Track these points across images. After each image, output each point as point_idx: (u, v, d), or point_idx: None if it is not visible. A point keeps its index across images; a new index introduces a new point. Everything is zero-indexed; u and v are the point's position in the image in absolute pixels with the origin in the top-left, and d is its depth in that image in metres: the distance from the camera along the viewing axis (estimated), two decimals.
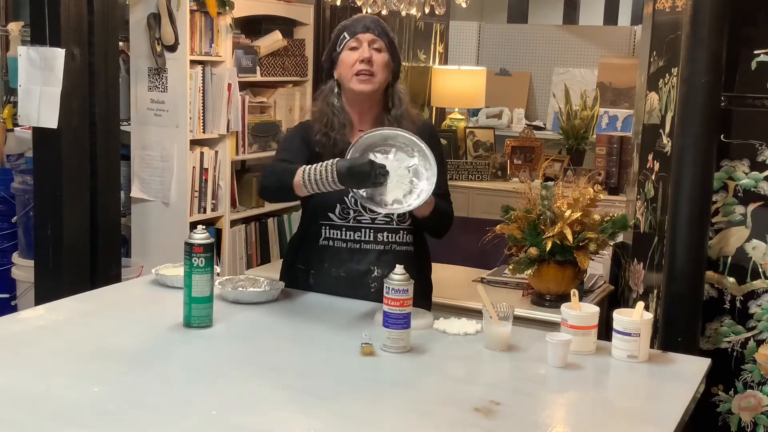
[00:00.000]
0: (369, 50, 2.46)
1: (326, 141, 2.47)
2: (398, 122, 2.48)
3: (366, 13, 2.56)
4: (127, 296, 2.60)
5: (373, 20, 2.53)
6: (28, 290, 4.01)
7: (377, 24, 2.52)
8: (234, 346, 2.12)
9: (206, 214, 4.19)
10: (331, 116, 2.49)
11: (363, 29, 2.48)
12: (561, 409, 1.93)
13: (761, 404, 2.76)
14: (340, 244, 2.50)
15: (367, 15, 2.56)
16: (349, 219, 2.48)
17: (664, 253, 2.75)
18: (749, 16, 2.68)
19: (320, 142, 2.48)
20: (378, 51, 2.47)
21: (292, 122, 4.68)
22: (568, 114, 5.45)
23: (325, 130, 2.48)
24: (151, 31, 3.97)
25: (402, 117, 2.50)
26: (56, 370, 1.93)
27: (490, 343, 2.17)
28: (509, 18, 7.43)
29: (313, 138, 2.50)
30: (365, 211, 2.46)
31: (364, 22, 2.50)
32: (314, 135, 2.49)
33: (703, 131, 2.63)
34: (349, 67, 2.46)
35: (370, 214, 2.47)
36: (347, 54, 2.47)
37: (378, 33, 2.49)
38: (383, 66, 2.48)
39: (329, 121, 2.49)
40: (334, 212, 2.48)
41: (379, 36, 2.49)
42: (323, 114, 2.51)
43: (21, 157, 4.81)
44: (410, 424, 1.76)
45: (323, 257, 2.50)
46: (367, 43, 2.46)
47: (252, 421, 1.72)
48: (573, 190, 2.97)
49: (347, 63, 2.47)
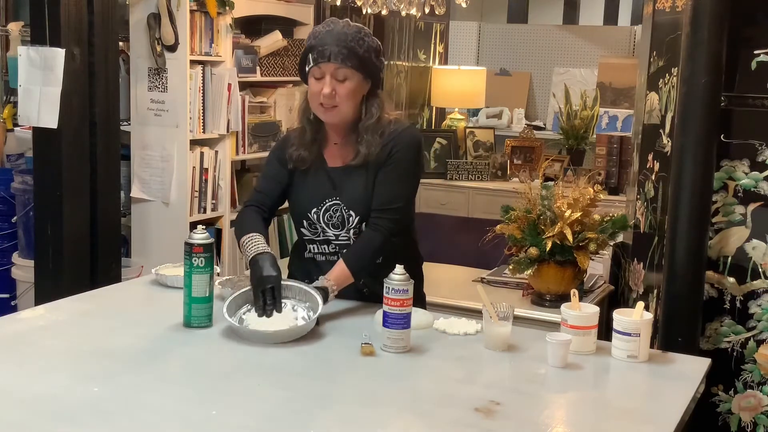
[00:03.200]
0: (331, 83, 2.32)
1: (298, 156, 2.46)
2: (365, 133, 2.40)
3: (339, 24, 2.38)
4: (127, 296, 2.60)
5: (338, 42, 2.32)
6: (28, 290, 4.01)
7: (342, 47, 2.32)
8: (234, 346, 2.12)
9: (206, 214, 4.20)
10: (305, 133, 2.46)
11: (322, 58, 2.32)
12: (561, 409, 1.93)
13: (761, 404, 2.76)
14: (320, 257, 2.48)
15: (334, 30, 2.35)
16: (318, 233, 2.46)
17: (664, 253, 2.75)
18: (749, 16, 2.68)
19: (292, 158, 2.46)
20: (342, 81, 2.33)
21: (292, 122, 4.68)
22: (568, 114, 5.45)
23: (296, 149, 2.46)
24: (151, 31, 3.97)
25: (368, 129, 2.39)
26: (56, 370, 1.93)
27: (490, 343, 2.17)
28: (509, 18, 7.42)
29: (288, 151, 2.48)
30: (328, 227, 2.44)
31: (327, 48, 2.32)
32: (289, 148, 2.48)
33: (703, 131, 2.63)
34: (314, 95, 2.37)
35: (333, 230, 2.44)
36: (312, 81, 2.37)
37: (342, 59, 2.31)
38: (347, 96, 2.34)
39: (304, 136, 2.46)
40: (304, 227, 2.48)
41: (344, 62, 2.31)
42: (299, 129, 2.50)
43: (21, 157, 4.81)
44: (410, 424, 1.76)
45: (309, 269, 2.49)
46: (329, 75, 2.32)
47: (252, 421, 1.72)
48: (573, 190, 2.97)
49: (312, 91, 2.37)
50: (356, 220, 2.42)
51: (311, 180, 2.46)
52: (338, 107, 2.36)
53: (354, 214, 2.41)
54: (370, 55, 2.37)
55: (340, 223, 2.43)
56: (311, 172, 2.46)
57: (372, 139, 2.38)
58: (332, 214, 2.43)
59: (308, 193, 2.45)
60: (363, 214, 2.41)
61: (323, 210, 2.43)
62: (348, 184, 2.42)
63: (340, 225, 2.43)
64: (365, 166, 2.40)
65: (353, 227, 2.42)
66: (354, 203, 2.41)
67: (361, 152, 2.39)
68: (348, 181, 2.42)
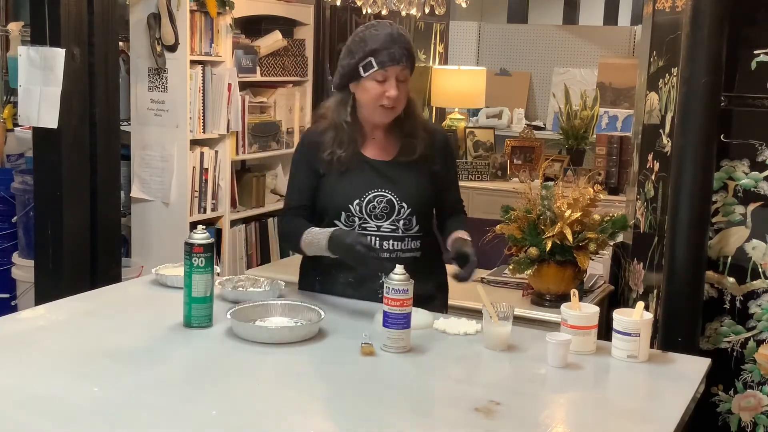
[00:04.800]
0: (396, 85, 2.39)
1: (332, 159, 2.45)
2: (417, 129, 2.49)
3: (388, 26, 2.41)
4: (127, 296, 2.60)
5: (401, 45, 2.39)
6: (28, 290, 4.01)
7: (404, 48, 2.40)
8: (234, 346, 2.12)
9: (206, 214, 4.20)
10: (342, 132, 2.46)
11: (392, 61, 2.37)
12: (561, 409, 1.93)
13: (761, 404, 2.76)
14: None
15: (393, 32, 2.39)
16: (355, 226, 2.46)
17: (664, 253, 2.75)
18: (749, 16, 2.68)
19: (325, 162, 2.46)
20: (403, 82, 2.41)
21: (292, 122, 4.69)
22: (568, 114, 5.45)
23: (332, 149, 2.46)
24: (151, 31, 3.97)
25: (418, 125, 2.51)
26: (56, 370, 1.93)
27: (490, 343, 2.17)
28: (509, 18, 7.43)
29: (319, 155, 2.47)
30: (370, 218, 2.46)
31: (393, 51, 2.37)
32: (321, 152, 2.47)
33: (703, 131, 2.63)
34: (372, 98, 2.40)
35: (375, 221, 2.46)
36: (373, 84, 2.39)
37: (405, 60, 2.39)
38: (405, 96, 2.44)
39: (338, 138, 2.46)
40: (340, 219, 2.47)
41: (407, 63, 2.40)
42: (334, 128, 2.48)
43: (21, 157, 4.82)
44: (410, 424, 1.76)
45: (332, 263, 2.48)
46: (394, 78, 2.38)
47: (252, 422, 1.72)
48: (573, 190, 2.97)
49: (372, 93, 2.40)
50: (408, 211, 2.47)
51: (352, 175, 2.47)
52: (396, 107, 2.43)
53: (406, 206, 2.47)
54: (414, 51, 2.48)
55: (386, 214, 2.46)
56: (350, 168, 2.47)
57: (423, 135, 2.51)
58: (376, 205, 2.45)
59: (349, 187, 2.46)
60: (415, 206, 2.48)
61: (366, 201, 2.45)
62: (400, 177, 2.48)
63: (386, 215, 2.46)
64: (416, 161, 2.49)
65: (404, 218, 2.47)
66: (408, 196, 2.47)
67: (417, 149, 2.49)
68: (400, 174, 2.48)
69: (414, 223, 2.49)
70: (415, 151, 2.49)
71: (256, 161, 4.75)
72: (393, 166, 2.49)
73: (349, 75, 2.43)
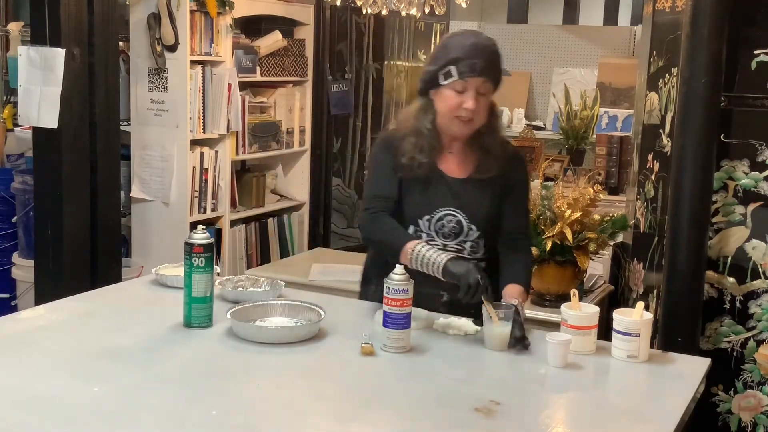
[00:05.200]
0: (475, 98, 2.30)
1: (412, 165, 2.38)
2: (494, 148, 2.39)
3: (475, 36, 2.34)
4: (127, 296, 2.59)
5: (484, 56, 2.31)
6: (28, 290, 4.01)
7: (488, 61, 2.32)
8: (234, 346, 2.12)
9: (206, 214, 4.20)
10: (422, 139, 2.38)
11: (472, 72, 2.28)
12: (561, 409, 1.93)
13: (761, 404, 2.76)
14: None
15: (479, 43, 2.32)
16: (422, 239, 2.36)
17: (664, 253, 2.75)
18: (749, 16, 2.68)
19: (405, 167, 2.38)
20: (483, 95, 2.32)
21: (292, 122, 4.69)
22: (568, 114, 5.45)
23: (412, 153, 2.37)
24: (151, 31, 3.97)
25: (496, 143, 2.41)
26: (56, 370, 1.93)
27: (490, 343, 2.17)
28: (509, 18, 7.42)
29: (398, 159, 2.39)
30: (438, 236, 2.39)
31: (474, 62, 2.28)
32: (401, 156, 2.38)
33: (703, 131, 2.63)
34: (449, 108, 2.32)
35: (442, 240, 2.39)
36: (451, 94, 2.31)
37: (488, 74, 2.31)
38: (485, 109, 2.35)
39: (419, 144, 2.38)
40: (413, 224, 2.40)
41: (489, 77, 2.31)
42: (415, 134, 2.39)
43: (21, 157, 4.82)
44: (410, 423, 1.76)
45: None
46: (474, 90, 2.30)
47: (252, 422, 1.72)
48: (573, 190, 2.98)
49: (449, 103, 2.32)
50: (476, 234, 2.39)
51: (426, 188, 2.39)
52: (474, 121, 2.34)
53: (476, 228, 2.38)
54: (501, 67, 2.38)
55: (454, 234, 2.38)
56: (425, 180, 2.39)
57: (501, 155, 2.40)
58: (445, 224, 2.38)
59: (422, 200, 2.38)
60: (484, 229, 2.39)
61: (436, 219, 2.38)
62: (472, 197, 2.39)
63: (453, 235, 2.38)
64: (490, 180, 2.40)
65: (472, 240, 2.39)
66: (478, 218, 2.38)
67: (493, 168, 2.39)
68: (472, 193, 2.40)
69: (481, 246, 2.41)
70: (491, 170, 2.39)
71: (256, 161, 4.75)
72: (466, 185, 2.40)
73: (430, 82, 2.36)
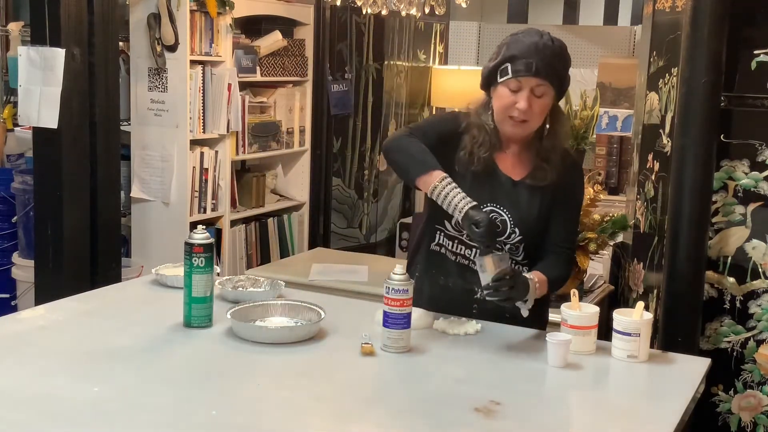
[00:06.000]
0: (529, 98, 2.22)
1: (468, 159, 2.32)
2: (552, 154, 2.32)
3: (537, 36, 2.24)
4: (127, 296, 2.59)
5: (543, 57, 2.22)
6: (28, 290, 4.01)
7: (546, 62, 2.22)
8: (234, 346, 2.12)
9: (206, 214, 4.20)
10: (484, 134, 2.32)
11: (527, 71, 2.21)
12: (561, 409, 1.93)
13: (761, 404, 2.76)
14: (450, 256, 2.38)
15: (540, 43, 2.23)
16: (463, 233, 2.32)
17: (664, 253, 2.75)
18: (749, 16, 2.68)
19: (460, 160, 2.34)
20: (539, 97, 2.24)
21: (292, 122, 4.69)
22: (568, 114, 5.44)
23: (470, 149, 2.33)
24: (151, 31, 3.97)
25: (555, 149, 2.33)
26: (56, 370, 1.93)
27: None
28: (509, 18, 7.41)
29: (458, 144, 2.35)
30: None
31: (530, 62, 2.21)
32: (459, 150, 2.34)
33: (703, 131, 2.63)
34: (503, 107, 2.26)
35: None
36: (505, 92, 2.25)
37: (545, 75, 2.22)
38: (541, 113, 2.27)
39: (479, 139, 2.33)
40: (450, 221, 2.35)
41: (546, 78, 2.22)
42: (476, 128, 2.34)
43: (21, 157, 4.82)
44: (410, 424, 1.76)
45: (433, 261, 2.41)
46: (529, 89, 2.22)
47: (252, 422, 1.72)
48: None
49: (503, 101, 2.26)
50: (518, 238, 2.33)
51: (478, 180, 2.33)
52: (528, 122, 2.27)
53: (518, 232, 2.33)
54: (567, 72, 2.31)
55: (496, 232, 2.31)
56: (478, 173, 2.33)
57: (558, 163, 2.33)
58: None
59: (471, 191, 2.25)
60: (526, 234, 2.33)
61: None
62: (522, 201, 2.34)
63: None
64: (543, 187, 2.34)
65: (512, 243, 2.34)
66: (522, 222, 2.33)
67: (548, 176, 2.32)
68: (523, 197, 2.34)
69: (521, 251, 2.35)
70: (546, 178, 2.32)
71: (256, 161, 4.75)
72: (519, 187, 2.34)
73: (489, 78, 2.30)
